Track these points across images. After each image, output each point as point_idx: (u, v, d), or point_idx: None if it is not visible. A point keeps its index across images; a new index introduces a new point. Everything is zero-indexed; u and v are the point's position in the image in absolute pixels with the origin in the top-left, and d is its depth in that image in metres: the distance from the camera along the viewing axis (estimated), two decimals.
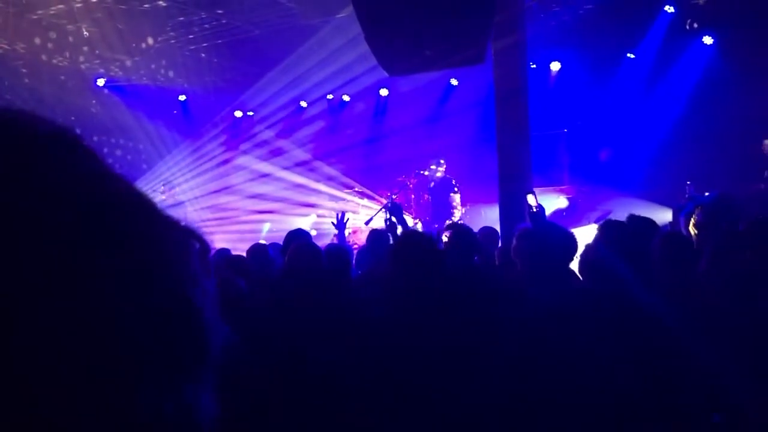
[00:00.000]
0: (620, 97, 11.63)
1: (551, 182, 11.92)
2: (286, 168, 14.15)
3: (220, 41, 12.06)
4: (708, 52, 11.06)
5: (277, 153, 14.43)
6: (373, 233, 5.54)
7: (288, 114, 14.27)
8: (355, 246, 8.49)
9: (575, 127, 12.39)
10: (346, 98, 14.06)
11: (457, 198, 11.16)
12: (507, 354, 2.41)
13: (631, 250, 3.10)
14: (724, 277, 3.17)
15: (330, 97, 14.00)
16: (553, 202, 11.29)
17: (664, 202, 9.59)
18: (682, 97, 11.02)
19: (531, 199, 8.30)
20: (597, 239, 3.36)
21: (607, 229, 3.40)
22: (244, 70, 13.21)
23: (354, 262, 5.89)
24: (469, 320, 2.49)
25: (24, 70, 12.17)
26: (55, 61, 12.16)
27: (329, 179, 13.98)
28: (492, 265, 4.44)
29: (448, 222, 10.34)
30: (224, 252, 5.33)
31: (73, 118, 12.98)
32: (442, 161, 11.20)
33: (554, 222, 6.73)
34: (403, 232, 4.54)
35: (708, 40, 11.00)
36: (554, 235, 4.52)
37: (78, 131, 0.57)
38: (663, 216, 9.38)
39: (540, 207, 8.19)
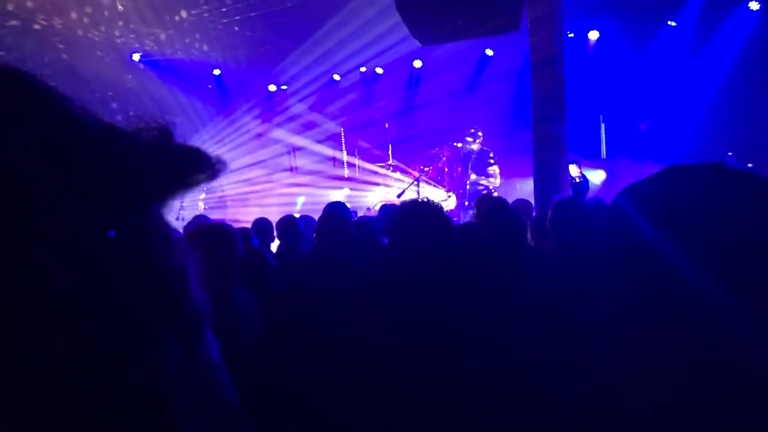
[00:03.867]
0: (661, 66, 11.30)
1: (589, 155, 11.70)
2: (319, 141, 14.15)
3: (253, 14, 12.01)
4: (754, 18, 10.64)
5: (310, 126, 14.43)
6: (384, 208, 5.45)
7: (321, 87, 14.24)
8: None
9: (614, 97, 12.10)
10: (379, 71, 13.95)
11: (494, 169, 10.99)
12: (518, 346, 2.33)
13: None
14: None
15: (363, 69, 13.91)
16: (591, 174, 11.08)
17: None
18: (725, 66, 10.64)
19: (573, 170, 8.11)
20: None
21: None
22: (277, 43, 13.17)
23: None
24: (485, 309, 2.40)
25: (61, 46, 12.30)
26: (91, 35, 12.27)
27: (362, 152, 13.94)
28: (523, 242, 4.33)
29: (483, 194, 10.22)
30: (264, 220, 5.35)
31: (110, 93, 13.14)
32: (479, 133, 11.01)
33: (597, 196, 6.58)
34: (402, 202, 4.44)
35: (754, 5, 10.57)
36: (595, 207, 4.39)
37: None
38: None
39: (584, 177, 7.98)
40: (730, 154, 8.81)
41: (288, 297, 2.84)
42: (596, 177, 11.30)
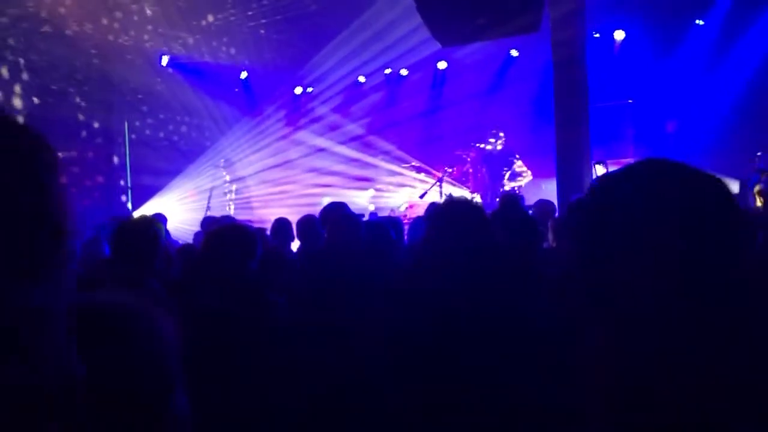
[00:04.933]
0: (688, 65, 11.16)
1: (616, 154, 11.59)
2: (344, 143, 14.23)
3: (278, 17, 12.14)
4: None
5: (335, 128, 14.51)
6: (432, 206, 5.47)
7: (346, 88, 14.30)
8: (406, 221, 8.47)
9: (641, 97, 11.98)
10: (404, 72, 13.98)
11: (522, 168, 10.92)
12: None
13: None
14: None
15: (388, 71, 13.94)
16: None
17: (733, 174, 9.24)
18: (753, 65, 10.47)
19: (599, 170, 8.03)
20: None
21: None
22: (302, 46, 13.29)
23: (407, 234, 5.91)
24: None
25: (93, 51, 12.54)
26: (121, 40, 12.50)
27: (386, 153, 13.99)
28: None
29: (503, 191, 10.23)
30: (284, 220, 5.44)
31: (140, 96, 13.37)
32: (501, 134, 10.99)
33: None
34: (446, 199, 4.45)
35: None
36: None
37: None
38: (731, 188, 9.03)
39: None
40: (759, 153, 8.66)
41: (303, 295, 2.89)
42: None
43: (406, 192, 12.69)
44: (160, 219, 7.00)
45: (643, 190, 1.02)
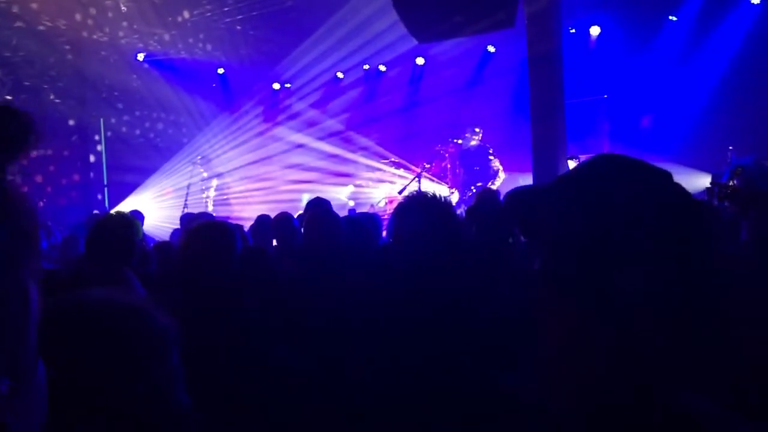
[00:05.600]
0: (662, 61, 11.30)
1: (591, 149, 11.69)
2: (323, 138, 14.22)
3: (254, 13, 12.09)
4: (754, 12, 10.62)
5: (314, 124, 14.49)
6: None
7: (324, 84, 14.29)
8: (385, 216, 8.50)
9: (616, 92, 12.10)
10: (382, 68, 14.00)
11: (496, 163, 10.96)
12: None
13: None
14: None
15: (366, 67, 13.95)
16: None
17: (707, 168, 9.39)
18: (726, 61, 10.63)
19: (573, 165, 8.10)
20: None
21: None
22: (279, 42, 13.24)
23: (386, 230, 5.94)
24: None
25: (67, 47, 12.39)
26: (95, 37, 12.35)
27: (365, 149, 14.01)
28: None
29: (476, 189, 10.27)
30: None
31: (116, 93, 13.24)
32: (477, 129, 11.04)
33: None
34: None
35: None
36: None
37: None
38: (704, 182, 9.19)
39: None
40: (731, 148, 8.81)
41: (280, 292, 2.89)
42: None
43: (386, 187, 12.72)
44: (137, 216, 6.96)
45: (598, 186, 1.03)
